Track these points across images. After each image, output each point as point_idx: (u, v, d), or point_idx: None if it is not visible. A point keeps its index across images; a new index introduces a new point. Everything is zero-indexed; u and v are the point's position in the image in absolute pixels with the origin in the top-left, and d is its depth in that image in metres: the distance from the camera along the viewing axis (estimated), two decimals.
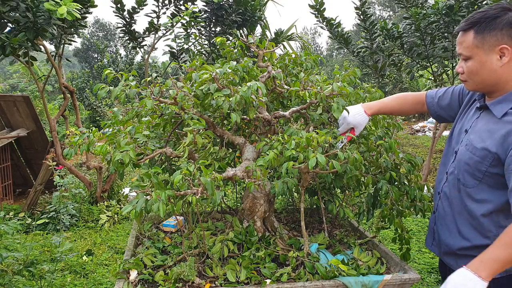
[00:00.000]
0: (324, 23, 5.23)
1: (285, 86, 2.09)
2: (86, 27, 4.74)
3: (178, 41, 5.37)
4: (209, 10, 5.35)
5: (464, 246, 1.44)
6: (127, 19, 5.07)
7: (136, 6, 4.96)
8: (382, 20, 5.08)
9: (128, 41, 5.32)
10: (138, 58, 13.54)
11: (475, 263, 1.26)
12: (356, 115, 1.76)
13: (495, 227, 1.37)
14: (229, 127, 2.28)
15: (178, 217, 2.27)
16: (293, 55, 2.28)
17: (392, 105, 1.81)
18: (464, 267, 1.27)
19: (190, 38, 5.27)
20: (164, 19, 5.08)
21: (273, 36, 5.84)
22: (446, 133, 10.28)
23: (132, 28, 5.18)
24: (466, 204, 1.43)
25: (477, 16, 1.36)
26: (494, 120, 1.38)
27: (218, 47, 2.60)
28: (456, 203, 1.47)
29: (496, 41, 1.32)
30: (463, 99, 1.63)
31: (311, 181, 2.17)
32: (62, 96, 4.87)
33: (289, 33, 6.09)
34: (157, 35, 5.20)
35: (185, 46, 5.38)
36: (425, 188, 2.21)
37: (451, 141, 1.60)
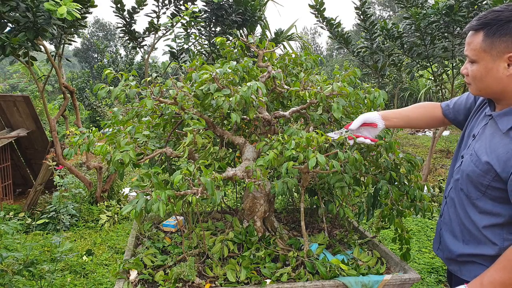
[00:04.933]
0: (324, 23, 5.23)
1: (285, 86, 2.09)
2: (86, 27, 4.74)
3: (178, 41, 5.37)
4: (209, 10, 5.35)
5: (466, 253, 1.41)
6: (127, 19, 5.07)
7: (136, 6, 4.96)
8: (382, 20, 5.08)
9: (128, 41, 5.32)
10: (138, 58, 13.54)
11: (476, 284, 1.29)
12: (366, 114, 1.70)
13: (499, 240, 1.32)
14: (229, 127, 2.28)
15: (178, 217, 2.27)
16: (293, 55, 2.28)
17: (408, 110, 1.70)
18: (465, 286, 1.32)
19: (190, 38, 5.27)
20: (164, 19, 5.09)
21: (273, 36, 5.84)
22: (446, 133, 10.29)
23: (132, 28, 5.18)
24: (470, 214, 1.39)
25: (490, 16, 1.24)
26: (499, 133, 1.30)
27: (218, 47, 2.61)
28: (460, 211, 1.44)
29: (505, 48, 1.21)
30: (478, 99, 1.55)
31: (311, 181, 2.17)
32: (62, 96, 4.87)
33: (289, 33, 6.09)
34: (157, 35, 5.20)
35: (185, 46, 5.38)
36: (425, 188, 2.21)
37: (461, 144, 1.54)
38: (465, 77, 1.37)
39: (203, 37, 5.58)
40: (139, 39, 5.28)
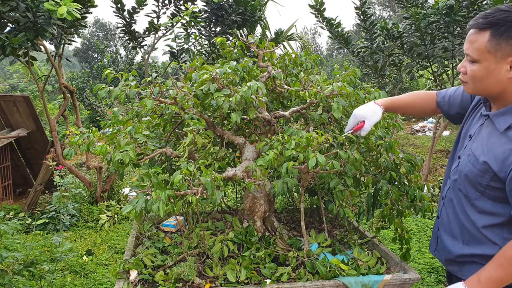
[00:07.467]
0: (324, 23, 5.23)
1: (285, 86, 2.09)
2: (86, 27, 4.74)
3: (178, 41, 5.37)
4: (209, 10, 5.35)
5: (466, 253, 1.41)
6: (127, 19, 5.07)
7: (136, 6, 4.96)
8: (382, 20, 5.08)
9: (128, 41, 5.32)
10: (138, 58, 13.54)
11: (473, 281, 1.29)
12: (364, 107, 1.66)
13: (499, 239, 1.31)
14: (229, 127, 2.28)
15: (178, 217, 2.27)
16: (293, 55, 2.28)
17: (404, 99, 1.71)
18: (462, 283, 1.31)
19: (190, 38, 5.27)
20: (164, 19, 5.09)
21: (273, 36, 5.84)
22: (446, 133, 10.29)
23: (132, 28, 5.18)
24: (469, 214, 1.38)
25: (498, 16, 1.20)
26: (497, 132, 1.29)
27: (218, 47, 2.61)
28: (459, 211, 1.43)
29: (511, 51, 1.19)
30: (474, 98, 1.53)
31: (311, 181, 2.17)
32: (62, 96, 4.87)
33: (289, 33, 6.09)
34: (157, 35, 5.20)
35: (185, 46, 5.38)
36: (425, 188, 2.21)
37: (457, 144, 1.54)
38: (461, 74, 1.34)
39: (203, 37, 5.58)
40: (139, 39, 5.29)
